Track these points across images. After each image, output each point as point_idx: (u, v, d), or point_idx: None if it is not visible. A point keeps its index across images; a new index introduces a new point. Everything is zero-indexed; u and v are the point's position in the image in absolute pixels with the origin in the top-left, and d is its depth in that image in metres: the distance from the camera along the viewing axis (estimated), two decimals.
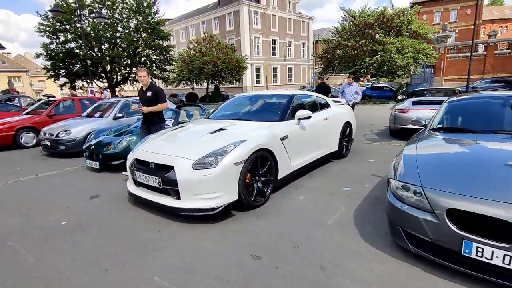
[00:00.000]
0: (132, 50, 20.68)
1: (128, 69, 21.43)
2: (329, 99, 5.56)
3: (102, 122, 7.01)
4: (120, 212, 3.46)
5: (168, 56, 22.89)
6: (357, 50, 20.15)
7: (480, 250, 1.87)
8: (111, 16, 19.62)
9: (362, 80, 28.65)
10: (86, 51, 15.39)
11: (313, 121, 4.34)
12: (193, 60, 26.00)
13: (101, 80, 21.70)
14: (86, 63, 15.24)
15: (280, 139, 3.71)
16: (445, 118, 3.57)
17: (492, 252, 1.83)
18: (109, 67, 20.58)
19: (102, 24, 18.84)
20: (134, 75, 22.43)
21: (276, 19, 39.69)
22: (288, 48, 42.55)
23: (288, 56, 42.78)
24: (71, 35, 19.05)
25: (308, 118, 4.09)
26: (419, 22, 20.72)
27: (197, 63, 25.47)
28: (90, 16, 19.78)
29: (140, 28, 20.93)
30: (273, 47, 40.34)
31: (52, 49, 19.26)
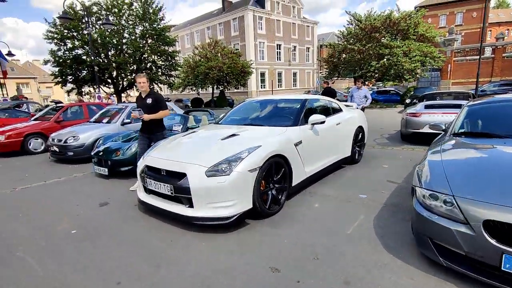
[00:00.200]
0: (138, 56, 20.84)
1: (134, 75, 21.56)
2: (340, 103, 5.45)
3: (110, 128, 6.97)
4: (130, 220, 3.36)
5: (173, 61, 23.03)
6: (363, 54, 20.03)
7: None
8: (118, 22, 19.83)
9: (368, 84, 28.46)
10: (94, 58, 15.50)
11: (326, 126, 4.22)
12: (198, 65, 26.09)
13: (107, 86, 21.89)
14: (93, 69, 15.35)
15: (294, 145, 3.60)
16: (466, 122, 3.44)
17: None
18: (115, 73, 20.76)
19: (109, 30, 19.04)
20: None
21: (280, 24, 39.80)
22: (292, 52, 42.59)
23: (292, 60, 42.79)
24: (78, 42, 19.27)
25: (322, 123, 3.98)
26: (426, 25, 20.56)
27: (202, 68, 25.55)
28: (97, 23, 20.02)
29: (146, 34, 21.12)
30: (277, 52, 40.41)
31: (59, 55, 19.51)
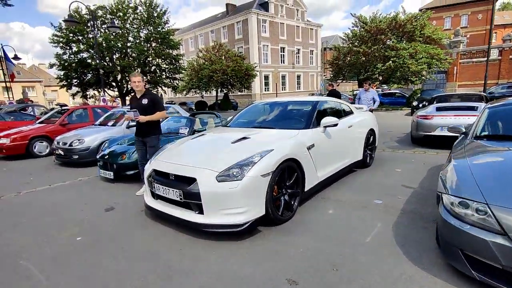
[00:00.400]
0: (142, 59, 20.90)
1: None
2: (351, 106, 5.31)
3: (115, 131, 6.89)
4: (137, 227, 3.24)
5: (177, 64, 23.06)
6: (368, 56, 19.88)
7: None
8: (123, 26, 19.91)
9: (372, 86, 28.25)
10: (100, 61, 15.53)
11: (338, 128, 4.07)
12: (202, 68, 26.12)
13: (112, 89, 21.95)
14: (98, 72, 15.39)
15: (306, 148, 3.46)
16: (488, 125, 3.28)
17: None
18: (120, 76, 20.81)
19: (114, 34, 19.12)
20: (144, 84, 22.61)
21: (284, 27, 39.82)
22: (296, 55, 42.55)
23: (296, 63, 42.75)
24: (84, 46, 19.38)
25: (335, 125, 3.84)
26: (433, 27, 20.38)
27: (206, 71, 25.57)
28: (102, 26, 20.12)
29: (150, 37, 21.20)
30: (281, 55, 40.39)
31: (65, 59, 19.63)
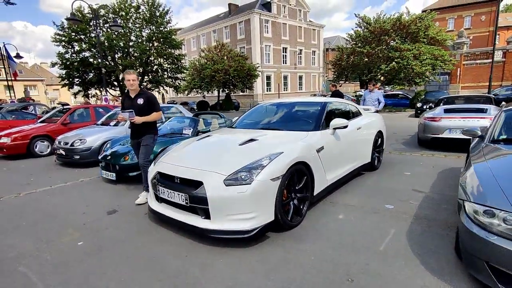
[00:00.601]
0: (144, 58, 20.83)
1: (140, 77, 21.54)
2: (359, 107, 5.19)
3: (118, 131, 6.78)
4: (141, 232, 3.12)
5: (179, 64, 22.98)
6: (372, 57, 19.75)
7: None
8: (125, 25, 19.84)
9: (375, 87, 28.09)
10: (102, 60, 15.45)
11: (347, 130, 3.96)
12: (204, 68, 26.03)
13: (113, 88, 21.87)
14: (101, 72, 15.31)
15: (316, 151, 3.34)
16: (506, 128, 3.16)
17: None
18: (121, 76, 20.73)
19: (116, 33, 19.05)
20: (146, 84, 22.56)
21: (286, 27, 39.71)
22: (298, 56, 42.42)
23: (298, 64, 42.62)
24: (86, 45, 19.31)
25: (344, 127, 3.72)
26: (437, 28, 20.24)
27: (208, 71, 25.49)
28: (104, 26, 20.05)
29: (152, 37, 21.12)
30: (283, 55, 40.26)
31: (67, 58, 19.58)
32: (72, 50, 19.84)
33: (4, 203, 4.29)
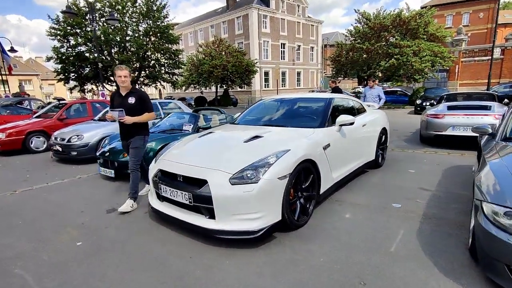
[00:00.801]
0: (141, 53, 20.52)
1: (137, 72, 21.26)
2: (363, 103, 5.10)
3: (116, 126, 6.47)
4: (142, 231, 3.02)
5: (177, 59, 22.70)
6: (371, 53, 19.63)
7: None
8: (121, 20, 19.49)
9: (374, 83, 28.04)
10: (98, 55, 15.18)
11: (353, 127, 3.87)
12: (202, 63, 25.75)
13: (109, 83, 21.57)
14: (97, 66, 15.05)
15: (322, 148, 3.25)
16: None
17: None
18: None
19: (112, 27, 18.73)
20: (143, 79, 22.28)
21: (285, 23, 39.39)
22: (297, 52, 42.17)
23: (296, 60, 42.38)
24: (81, 39, 18.96)
25: (351, 124, 3.63)
26: (437, 25, 20.14)
27: (206, 67, 25.22)
28: (100, 19, 19.69)
29: (149, 31, 20.79)
30: (282, 51, 39.98)
31: (62, 52, 19.20)
32: (67, 44, 19.46)
33: None
